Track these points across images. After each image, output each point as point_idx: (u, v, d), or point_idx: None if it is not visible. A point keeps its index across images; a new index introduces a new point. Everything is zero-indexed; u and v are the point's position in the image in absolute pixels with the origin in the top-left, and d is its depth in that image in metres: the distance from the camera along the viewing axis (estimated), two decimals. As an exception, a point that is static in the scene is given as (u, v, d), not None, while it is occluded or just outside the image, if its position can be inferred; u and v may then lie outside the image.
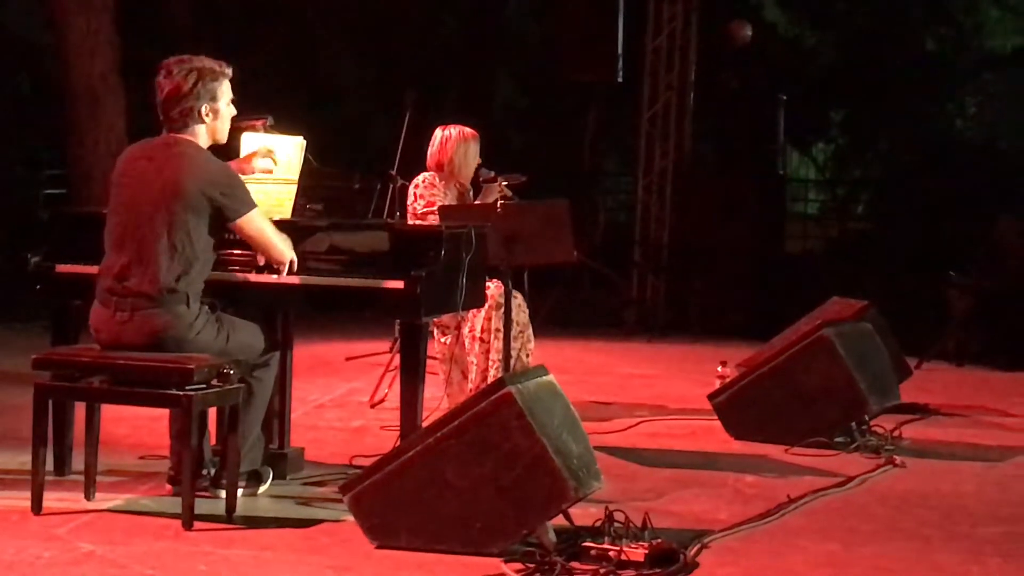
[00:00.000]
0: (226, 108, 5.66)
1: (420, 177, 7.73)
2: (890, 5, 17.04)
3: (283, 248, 5.68)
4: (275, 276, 5.74)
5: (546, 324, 11.24)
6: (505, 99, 17.07)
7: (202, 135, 5.61)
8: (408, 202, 7.69)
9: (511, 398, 5.02)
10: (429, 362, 6.51)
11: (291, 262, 5.71)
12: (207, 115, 5.59)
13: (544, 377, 5.36)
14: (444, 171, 7.76)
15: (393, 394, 7.64)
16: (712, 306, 12.87)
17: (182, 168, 5.50)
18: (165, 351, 5.43)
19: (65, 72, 12.05)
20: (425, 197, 7.63)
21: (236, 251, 5.82)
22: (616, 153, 16.33)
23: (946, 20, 17.63)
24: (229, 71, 5.67)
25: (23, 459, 5.74)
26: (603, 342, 11.93)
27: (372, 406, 8.14)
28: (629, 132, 14.29)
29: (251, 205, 5.58)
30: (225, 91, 5.65)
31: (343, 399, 8.50)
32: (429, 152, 7.81)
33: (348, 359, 9.69)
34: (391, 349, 8.39)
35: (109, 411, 5.99)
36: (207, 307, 5.57)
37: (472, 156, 7.78)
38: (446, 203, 7.58)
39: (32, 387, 5.49)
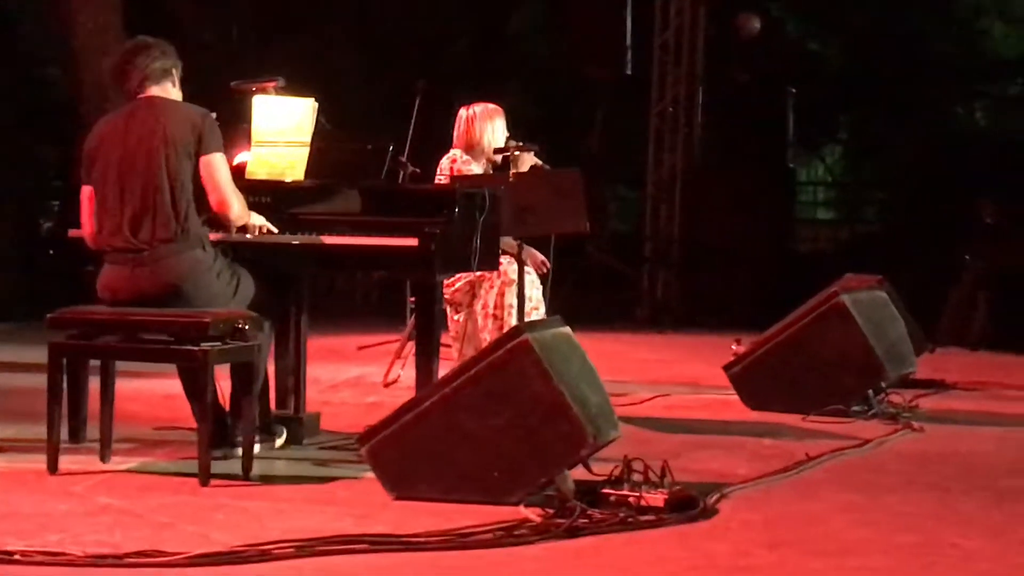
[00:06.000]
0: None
1: (455, 152, 7.60)
2: (895, 10, 17.02)
3: (235, 201, 5.54)
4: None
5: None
6: (513, 107, 17.06)
7: (172, 93, 5.63)
8: (442, 174, 7.53)
9: (528, 345, 4.98)
10: (442, 343, 6.44)
11: (245, 226, 5.65)
12: (176, 79, 5.64)
13: (561, 328, 5.32)
14: (475, 150, 7.63)
15: (406, 375, 7.60)
16: (723, 300, 12.83)
17: (167, 114, 5.52)
18: (184, 296, 5.42)
19: (75, 71, 12.06)
20: (463, 171, 7.51)
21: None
22: (625, 150, 16.28)
23: (955, 25, 17.62)
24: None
25: (38, 430, 5.67)
26: (616, 335, 11.88)
27: (386, 386, 8.10)
28: (637, 129, 14.26)
29: (221, 149, 5.55)
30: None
31: (356, 380, 8.47)
32: (456, 133, 7.67)
33: (360, 348, 9.67)
34: (405, 337, 8.34)
35: (124, 389, 5.97)
36: (221, 251, 5.57)
37: (500, 131, 7.64)
38: None
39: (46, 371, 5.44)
